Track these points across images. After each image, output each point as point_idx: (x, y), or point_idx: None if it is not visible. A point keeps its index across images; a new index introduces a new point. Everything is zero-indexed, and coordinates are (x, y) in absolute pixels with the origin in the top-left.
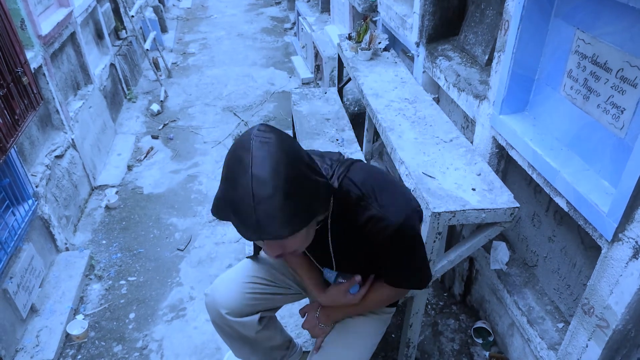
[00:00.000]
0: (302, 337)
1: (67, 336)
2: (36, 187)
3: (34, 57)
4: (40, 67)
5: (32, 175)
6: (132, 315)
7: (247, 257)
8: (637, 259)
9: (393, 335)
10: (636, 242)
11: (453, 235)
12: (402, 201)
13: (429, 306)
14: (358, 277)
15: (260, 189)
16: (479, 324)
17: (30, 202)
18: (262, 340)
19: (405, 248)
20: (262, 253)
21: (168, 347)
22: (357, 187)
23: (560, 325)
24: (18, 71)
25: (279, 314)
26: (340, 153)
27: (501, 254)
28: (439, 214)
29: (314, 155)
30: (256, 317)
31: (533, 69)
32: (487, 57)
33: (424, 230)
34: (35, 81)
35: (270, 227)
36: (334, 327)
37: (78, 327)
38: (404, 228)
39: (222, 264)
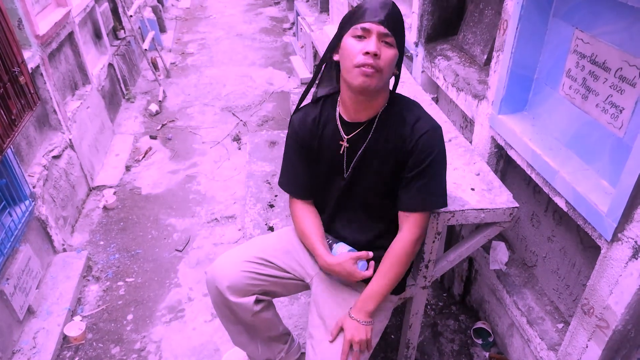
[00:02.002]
0: (301, 338)
1: (65, 338)
2: (33, 187)
3: (32, 57)
4: (37, 67)
5: (29, 175)
6: (130, 317)
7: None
8: (636, 258)
9: (392, 336)
10: (635, 242)
11: (452, 236)
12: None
13: (429, 307)
14: (369, 253)
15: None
16: (479, 324)
17: (27, 202)
18: (260, 327)
19: (437, 153)
20: (267, 237)
21: (166, 349)
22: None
23: (560, 325)
24: (15, 71)
25: None
26: None
27: (500, 254)
28: (438, 213)
29: None
30: (252, 298)
31: (532, 69)
32: (485, 57)
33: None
34: (32, 81)
35: (383, 13)
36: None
37: (75, 328)
38: (441, 133)
39: None
